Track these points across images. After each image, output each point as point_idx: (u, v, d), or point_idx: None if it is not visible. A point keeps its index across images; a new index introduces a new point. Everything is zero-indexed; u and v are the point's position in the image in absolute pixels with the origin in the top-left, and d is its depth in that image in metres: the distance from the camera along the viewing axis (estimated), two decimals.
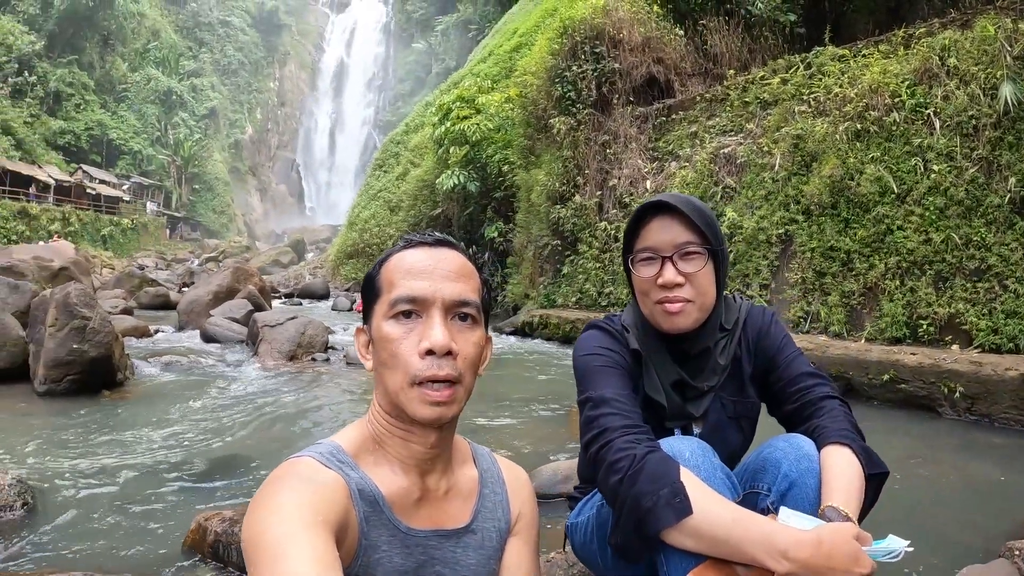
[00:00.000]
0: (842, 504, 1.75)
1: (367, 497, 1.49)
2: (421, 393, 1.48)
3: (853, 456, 1.88)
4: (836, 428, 1.97)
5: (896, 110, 8.96)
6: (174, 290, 24.59)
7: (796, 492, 1.86)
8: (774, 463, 1.95)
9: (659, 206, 2.11)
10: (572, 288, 14.74)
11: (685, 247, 2.05)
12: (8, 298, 9.34)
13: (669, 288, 2.05)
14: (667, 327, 2.10)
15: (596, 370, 2.09)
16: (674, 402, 2.18)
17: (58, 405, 7.21)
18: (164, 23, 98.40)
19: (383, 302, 1.56)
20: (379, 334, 1.55)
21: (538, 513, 1.88)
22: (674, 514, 1.63)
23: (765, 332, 2.27)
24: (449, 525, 1.63)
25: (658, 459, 1.73)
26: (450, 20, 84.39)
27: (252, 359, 10.41)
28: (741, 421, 2.27)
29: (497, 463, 1.85)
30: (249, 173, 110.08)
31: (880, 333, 8.42)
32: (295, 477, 1.39)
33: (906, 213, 8.53)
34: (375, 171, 38.01)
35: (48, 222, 53.95)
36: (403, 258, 1.58)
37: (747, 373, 2.26)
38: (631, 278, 2.20)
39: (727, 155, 11.71)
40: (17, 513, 3.93)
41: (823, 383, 2.16)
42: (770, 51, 12.84)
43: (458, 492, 1.69)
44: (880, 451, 1.99)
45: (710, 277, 2.10)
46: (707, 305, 2.11)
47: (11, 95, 65.41)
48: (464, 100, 22.21)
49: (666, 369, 2.19)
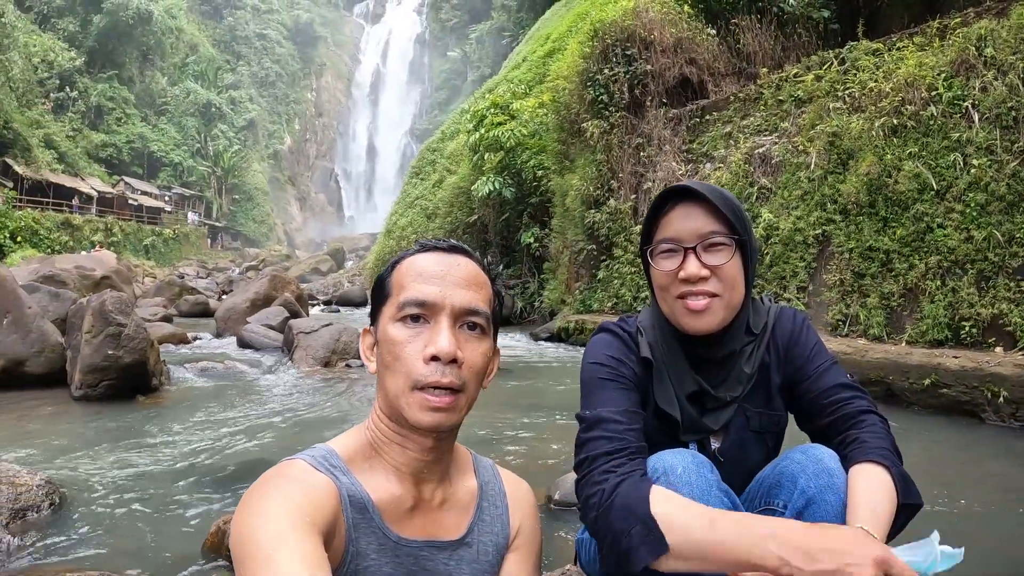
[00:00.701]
0: (867, 526, 1.57)
1: (356, 503, 1.46)
2: (422, 398, 1.46)
3: (889, 479, 1.69)
4: (875, 445, 1.77)
5: (933, 104, 8.74)
6: (213, 298, 24.92)
7: (814, 510, 1.70)
8: (790, 477, 1.79)
9: (681, 192, 1.92)
10: (608, 293, 14.64)
11: (710, 237, 1.86)
12: (49, 306, 9.67)
13: (692, 282, 1.85)
14: (690, 327, 1.89)
15: (598, 384, 1.93)
16: (688, 415, 1.98)
17: (93, 409, 7.30)
18: (202, 37, 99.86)
19: (391, 304, 1.54)
20: (384, 336, 1.53)
21: (540, 529, 1.81)
22: (650, 552, 1.52)
23: (796, 338, 2.05)
24: (443, 536, 1.59)
25: (628, 490, 1.61)
26: (484, 28, 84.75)
27: (287, 365, 10.46)
28: (766, 436, 2.05)
29: (499, 476, 1.80)
30: (288, 183, 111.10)
31: (921, 336, 8.20)
32: (285, 478, 1.37)
33: (946, 210, 8.31)
34: (412, 179, 38.12)
35: (91, 232, 55.20)
36: (415, 262, 1.56)
37: (775, 383, 2.04)
38: (649, 272, 2.01)
39: (762, 155, 11.55)
40: (44, 513, 3.98)
41: (860, 396, 1.93)
42: (804, 48, 12.65)
43: (455, 503, 1.65)
44: (920, 460, 1.86)
45: (738, 271, 1.89)
46: (734, 303, 1.90)
47: (53, 110, 66.93)
48: (498, 106, 22.17)
49: (683, 378, 1.99)
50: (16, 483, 4.00)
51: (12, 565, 3.39)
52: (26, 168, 55.88)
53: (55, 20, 72.84)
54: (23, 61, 58.71)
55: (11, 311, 8.21)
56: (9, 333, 8.12)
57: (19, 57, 56.52)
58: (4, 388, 7.97)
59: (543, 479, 4.64)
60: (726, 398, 1.99)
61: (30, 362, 8.16)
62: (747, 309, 2.01)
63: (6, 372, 8.04)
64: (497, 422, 6.89)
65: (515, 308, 20.38)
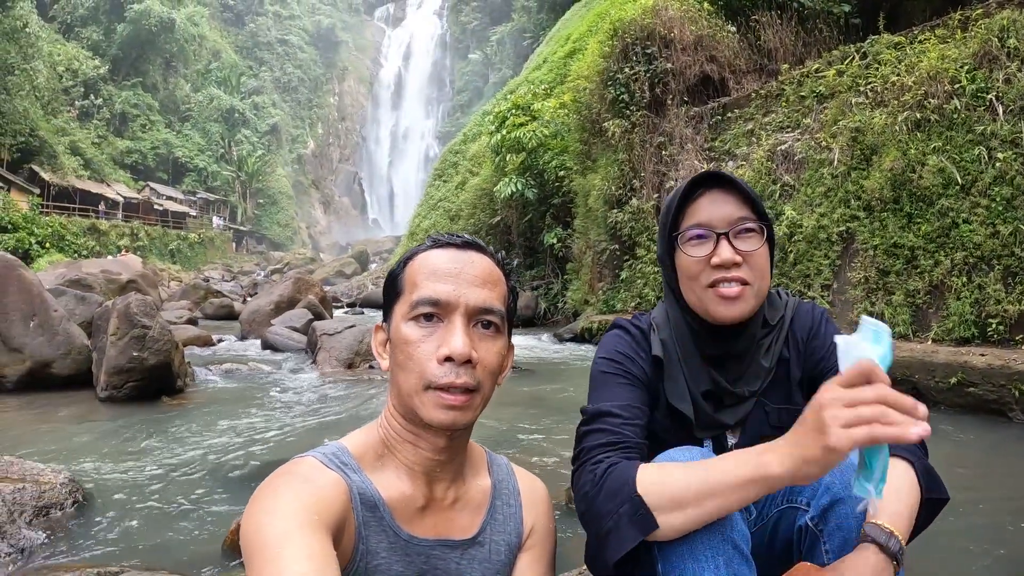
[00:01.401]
0: (889, 523, 1.53)
1: (367, 501, 1.44)
2: (436, 396, 1.43)
3: (912, 473, 1.64)
4: None
5: (956, 97, 8.64)
6: (238, 301, 25.08)
7: (840, 509, 1.62)
8: None
9: (709, 179, 1.88)
10: (631, 293, 14.59)
11: (741, 223, 1.82)
12: (75, 309, 9.84)
13: (725, 268, 1.79)
14: (722, 315, 1.82)
15: (603, 379, 1.89)
16: (702, 411, 1.91)
17: (118, 410, 7.36)
18: (224, 44, 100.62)
19: (404, 302, 1.51)
20: (397, 335, 1.50)
21: (554, 529, 1.78)
22: (638, 530, 1.48)
23: (816, 331, 1.98)
24: (455, 536, 1.57)
25: (618, 472, 1.57)
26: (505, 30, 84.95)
27: (310, 367, 10.49)
28: (786, 432, 2.03)
29: (514, 474, 1.77)
30: (312, 187, 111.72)
31: (947, 333, 8.10)
32: (295, 476, 1.37)
33: (971, 205, 8.21)
34: (434, 181, 38.23)
35: (117, 237, 56.05)
36: (428, 258, 1.53)
37: (795, 378, 1.96)
38: (675, 262, 1.92)
39: (784, 152, 11.47)
40: (67, 511, 4.01)
41: None
42: (824, 43, 12.57)
43: (467, 502, 1.63)
44: (947, 459, 1.79)
45: (766, 259, 1.86)
46: (763, 291, 1.86)
47: (79, 117, 67.86)
48: (519, 107, 22.18)
49: (698, 374, 1.93)
50: (40, 481, 4.04)
51: (35, 561, 3.42)
52: (52, 175, 56.71)
53: (79, 29, 73.82)
54: (48, 70, 59.56)
55: (37, 314, 8.29)
56: (36, 336, 8.21)
57: (44, 66, 57.26)
58: (31, 389, 8.06)
59: (563, 478, 4.60)
60: (744, 393, 1.93)
61: (56, 364, 8.24)
62: (765, 300, 1.95)
63: (33, 374, 8.13)
64: (519, 422, 6.88)
65: (538, 309, 20.36)
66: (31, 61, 53.09)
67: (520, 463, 1.83)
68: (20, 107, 52.77)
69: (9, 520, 3.61)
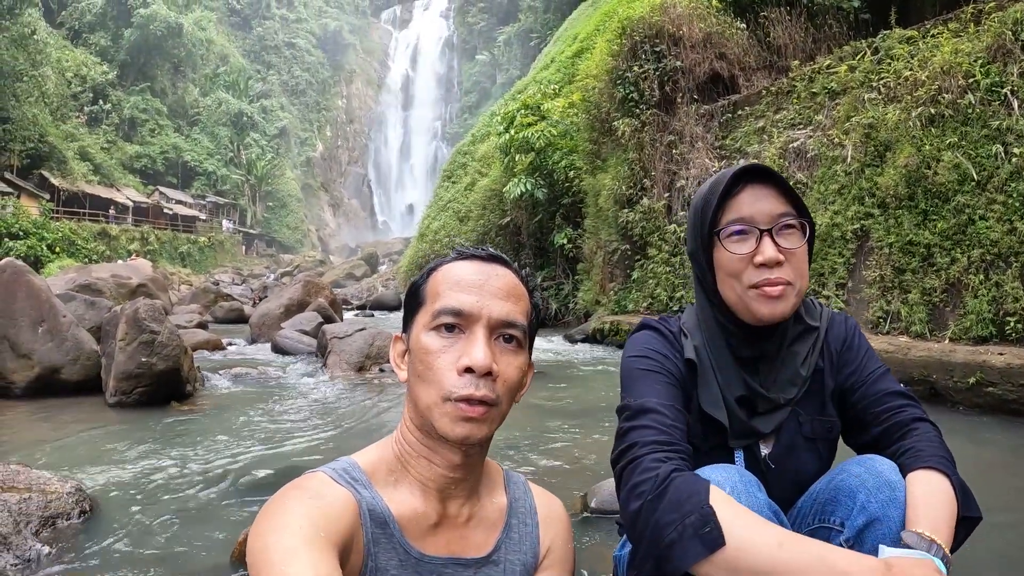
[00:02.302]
0: (929, 531, 1.47)
1: (377, 518, 1.41)
2: (455, 408, 1.40)
3: (950, 486, 1.59)
4: (932, 453, 1.66)
5: (971, 91, 8.53)
6: (248, 304, 25.11)
7: (876, 529, 1.57)
8: (848, 492, 1.65)
9: (751, 172, 1.86)
10: (643, 293, 14.52)
11: (783, 219, 1.79)
12: (85, 314, 9.88)
13: (769, 268, 1.76)
14: (765, 315, 1.77)
15: (641, 375, 1.83)
16: (737, 419, 1.86)
17: (127, 416, 7.31)
18: (232, 48, 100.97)
19: (426, 312, 1.49)
20: (417, 345, 1.48)
21: (573, 549, 1.74)
22: (703, 546, 1.37)
23: (849, 343, 1.98)
24: (468, 554, 1.53)
25: (685, 481, 1.48)
26: (511, 30, 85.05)
27: (321, 370, 10.45)
28: (819, 443, 1.93)
29: (531, 492, 1.73)
30: (321, 189, 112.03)
31: (965, 332, 7.99)
32: (303, 491, 1.35)
33: (988, 201, 8.11)
34: (443, 182, 38.27)
35: (127, 242, 56.45)
36: (452, 269, 1.50)
37: (829, 388, 1.94)
38: (710, 257, 1.88)
39: (797, 149, 11.39)
40: (74, 520, 3.96)
41: (913, 404, 1.85)
42: (835, 39, 12.47)
43: (482, 520, 1.59)
44: (966, 460, 1.72)
45: (807, 257, 1.83)
46: (803, 291, 1.83)
47: (88, 123, 68.22)
48: (528, 107, 22.13)
49: (732, 380, 1.88)
50: (47, 491, 3.99)
51: (41, 573, 3.36)
52: (62, 180, 57.08)
53: (87, 35, 74.11)
54: (56, 76, 60.06)
55: (46, 320, 8.27)
56: (45, 341, 8.18)
57: (52, 72, 57.87)
58: (40, 395, 8.03)
59: (579, 485, 4.54)
60: (779, 400, 1.89)
61: (65, 370, 8.21)
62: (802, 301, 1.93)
63: (41, 380, 8.08)
64: (532, 425, 6.81)
65: (549, 310, 20.35)
66: (39, 67, 53.64)
67: (532, 466, 1.78)
68: (29, 113, 53.26)
69: (15, 531, 3.55)
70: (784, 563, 1.32)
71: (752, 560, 1.34)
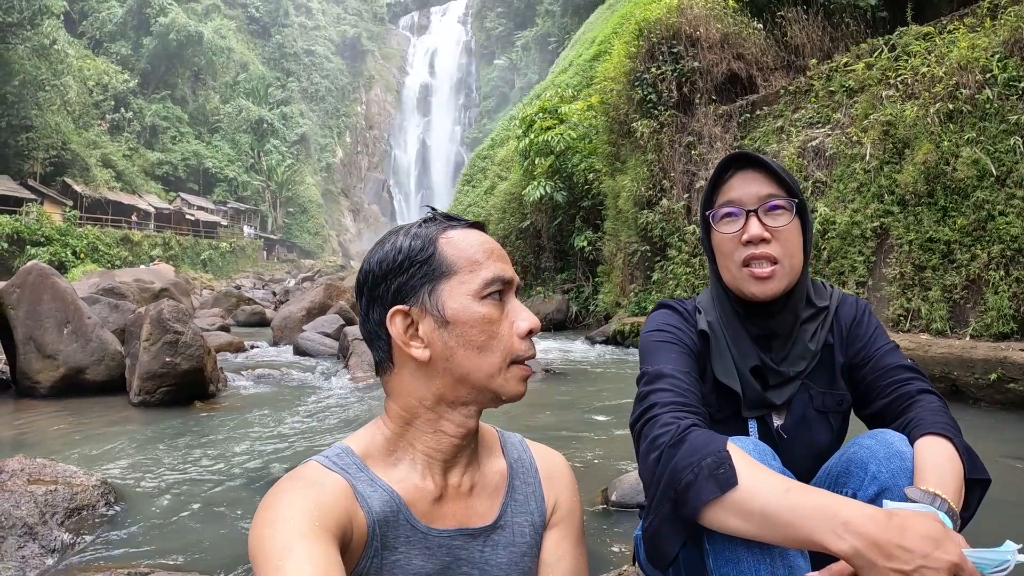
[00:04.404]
0: (934, 486, 1.51)
1: (379, 497, 1.41)
2: (520, 369, 1.46)
3: (953, 450, 1.61)
4: (934, 420, 1.70)
5: (988, 86, 8.51)
6: (270, 308, 25.22)
7: (887, 498, 1.59)
8: (859, 464, 1.69)
9: (740, 159, 1.98)
10: (663, 294, 14.48)
11: (770, 200, 1.89)
12: (109, 317, 10.05)
13: (755, 244, 1.87)
14: (754, 291, 1.89)
15: (657, 346, 1.92)
16: (751, 388, 1.95)
17: (151, 415, 7.39)
18: (251, 56, 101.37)
19: (462, 281, 1.43)
20: (471, 315, 1.42)
21: (580, 502, 1.74)
22: (717, 486, 1.43)
23: (858, 320, 2.05)
24: (474, 523, 1.53)
25: (703, 433, 1.55)
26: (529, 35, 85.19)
27: (342, 372, 10.47)
28: (830, 416, 1.99)
29: (530, 450, 1.72)
30: (341, 195, 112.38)
31: (986, 329, 7.96)
32: (297, 481, 1.35)
33: (1007, 197, 8.08)
34: (463, 186, 38.34)
35: (149, 247, 57.01)
36: (468, 237, 1.48)
37: (839, 363, 2.01)
38: (710, 240, 2.03)
39: (815, 148, 11.36)
40: (99, 512, 4.03)
41: (920, 378, 1.90)
42: (852, 37, 12.45)
43: (484, 487, 1.58)
44: (988, 458, 1.73)
45: (798, 236, 1.92)
46: (796, 268, 1.91)
47: (110, 131, 68.89)
48: (547, 111, 22.13)
49: (745, 352, 1.97)
50: (72, 483, 4.05)
51: (67, 562, 3.43)
52: (85, 187, 57.63)
53: (108, 44, 74.92)
54: (78, 85, 60.53)
55: (71, 321, 8.36)
56: (70, 342, 8.28)
57: (74, 81, 58.34)
58: (64, 395, 8.12)
59: (600, 480, 4.60)
60: (789, 373, 1.97)
61: (90, 370, 8.31)
62: (806, 279, 2.00)
63: (66, 380, 8.19)
64: (553, 424, 6.85)
65: (569, 312, 20.33)
66: (61, 76, 54.15)
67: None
68: (52, 121, 53.80)
69: (41, 521, 3.61)
70: (789, 507, 1.36)
71: (760, 503, 1.40)
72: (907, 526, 1.29)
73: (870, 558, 1.28)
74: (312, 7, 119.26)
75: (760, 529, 1.41)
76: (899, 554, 1.27)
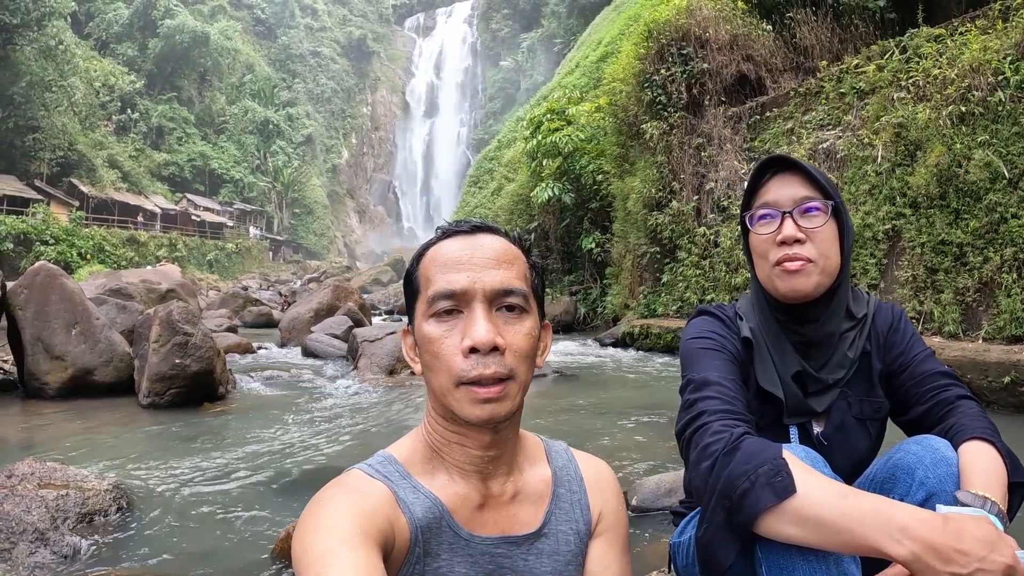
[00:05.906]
0: (982, 489, 1.54)
1: (422, 504, 1.39)
2: (468, 392, 1.36)
3: (996, 453, 1.65)
4: (976, 425, 1.73)
5: (1000, 88, 8.45)
6: (277, 309, 25.23)
7: (935, 503, 1.60)
8: (906, 469, 1.70)
9: (777, 162, 1.99)
10: (672, 296, 14.48)
11: (805, 202, 1.91)
12: (116, 318, 9.97)
13: (789, 245, 1.89)
14: (786, 289, 1.90)
15: (701, 353, 1.92)
16: (793, 395, 1.96)
17: (160, 417, 7.39)
18: (257, 57, 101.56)
19: (422, 300, 1.44)
20: (420, 335, 1.43)
21: (625, 511, 1.71)
22: (774, 494, 1.42)
23: (895, 327, 2.07)
24: (519, 531, 1.50)
25: (756, 440, 1.54)
26: (535, 36, 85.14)
27: (351, 374, 10.47)
28: (868, 424, 2.02)
29: (575, 459, 1.69)
30: (347, 196, 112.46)
31: (998, 331, 7.91)
32: (341, 488, 1.34)
33: (1020, 199, 8.02)
34: (470, 188, 38.37)
35: (156, 248, 57.17)
36: (439, 250, 1.45)
37: (876, 370, 2.03)
38: (748, 242, 2.04)
39: (826, 150, 11.31)
40: (111, 517, 4.01)
41: (957, 384, 1.93)
42: (862, 39, 12.39)
43: (527, 495, 1.55)
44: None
45: (833, 238, 1.93)
46: (830, 270, 1.92)
47: (116, 131, 69.12)
48: (554, 112, 22.12)
49: (786, 358, 1.98)
50: (84, 488, 4.03)
51: (79, 567, 3.39)
52: (91, 187, 57.84)
53: (114, 46, 75.05)
54: (85, 86, 60.74)
55: (79, 322, 8.36)
56: (78, 343, 8.27)
57: (80, 82, 58.57)
58: (74, 396, 8.13)
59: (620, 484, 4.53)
60: (828, 380, 1.98)
61: (99, 371, 8.31)
62: (845, 287, 2.01)
63: (75, 381, 8.19)
64: (568, 428, 6.82)
65: (578, 314, 20.33)
66: (68, 78, 54.33)
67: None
68: (59, 122, 53.99)
69: (52, 526, 3.59)
70: (846, 513, 1.37)
71: (818, 510, 1.40)
72: (963, 530, 1.31)
73: (928, 562, 1.30)
74: (318, 8, 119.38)
75: (817, 536, 1.41)
76: (957, 558, 1.29)
